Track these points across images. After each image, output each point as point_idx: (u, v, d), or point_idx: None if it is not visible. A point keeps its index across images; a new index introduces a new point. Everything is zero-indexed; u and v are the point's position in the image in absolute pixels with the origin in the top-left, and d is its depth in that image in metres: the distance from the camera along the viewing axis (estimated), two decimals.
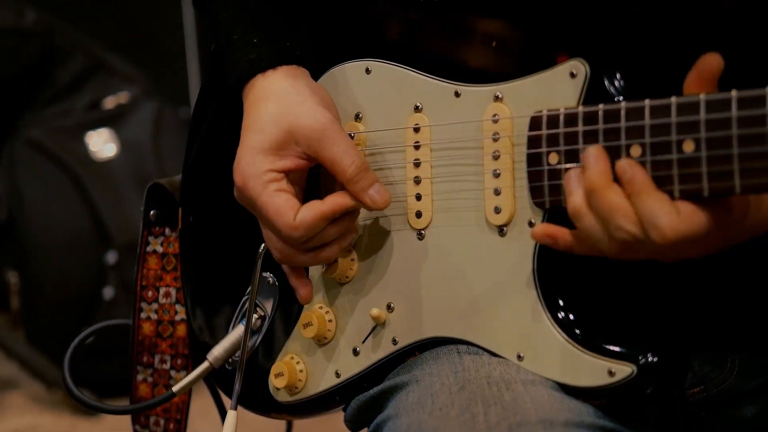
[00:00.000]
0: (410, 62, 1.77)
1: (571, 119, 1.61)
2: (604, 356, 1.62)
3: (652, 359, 1.60)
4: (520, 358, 1.68)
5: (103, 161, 4.37)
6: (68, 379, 1.96)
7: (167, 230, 2.03)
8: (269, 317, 1.89)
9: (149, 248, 2.03)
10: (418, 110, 1.77)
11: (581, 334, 1.64)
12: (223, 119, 1.93)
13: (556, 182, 1.63)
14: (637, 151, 1.55)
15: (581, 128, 1.60)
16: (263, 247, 1.82)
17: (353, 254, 1.81)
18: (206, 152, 1.97)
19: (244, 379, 1.86)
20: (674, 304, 1.72)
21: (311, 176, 1.80)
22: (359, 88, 1.81)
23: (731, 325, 1.72)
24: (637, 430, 1.68)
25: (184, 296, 1.99)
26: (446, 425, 1.57)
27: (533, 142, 1.65)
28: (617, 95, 1.62)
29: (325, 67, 1.84)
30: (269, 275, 1.88)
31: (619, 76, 1.63)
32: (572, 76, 1.64)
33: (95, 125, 4.42)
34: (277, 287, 1.88)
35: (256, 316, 1.88)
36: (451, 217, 1.74)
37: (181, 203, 1.99)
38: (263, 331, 1.89)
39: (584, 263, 1.65)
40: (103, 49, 4.55)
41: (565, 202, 1.60)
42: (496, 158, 1.69)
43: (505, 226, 1.69)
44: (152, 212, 2.02)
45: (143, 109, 4.47)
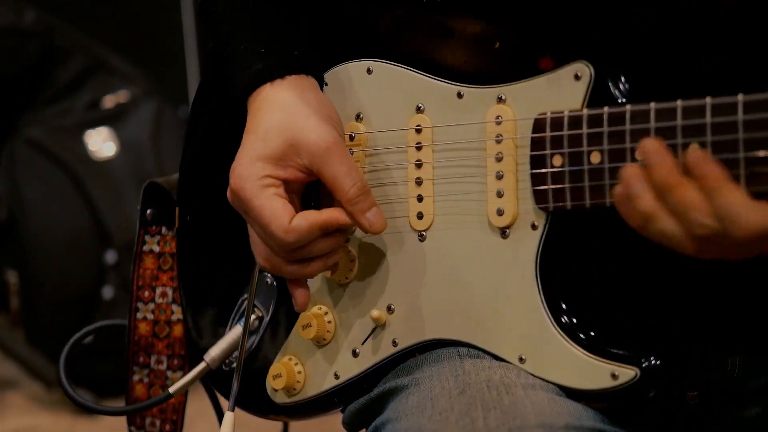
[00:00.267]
0: (412, 62, 1.77)
1: (575, 122, 1.61)
2: (607, 359, 1.61)
3: (654, 362, 1.60)
4: (521, 360, 1.67)
5: (102, 161, 4.38)
6: (64, 379, 1.95)
7: (164, 229, 2.02)
8: (267, 318, 1.88)
9: (146, 248, 2.02)
10: (420, 111, 1.76)
11: (584, 337, 1.64)
12: (220, 119, 1.93)
13: (559, 185, 1.62)
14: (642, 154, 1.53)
15: (585, 131, 1.59)
16: (251, 235, 1.81)
17: (353, 255, 1.80)
18: (203, 151, 1.96)
19: (241, 380, 1.85)
20: (676, 307, 1.72)
21: (310, 190, 1.79)
22: (360, 88, 1.80)
23: (732, 326, 1.72)
24: None
25: (180, 296, 1.98)
26: (446, 429, 1.57)
27: (537, 144, 1.64)
28: (621, 97, 1.61)
29: (326, 67, 1.83)
30: (267, 275, 1.87)
31: (623, 78, 1.62)
32: (576, 78, 1.63)
33: (95, 125, 4.43)
34: (275, 287, 1.88)
35: (253, 316, 1.88)
36: (452, 218, 1.73)
37: (178, 202, 1.99)
38: (261, 331, 1.88)
39: (588, 265, 1.64)
40: (102, 49, 4.55)
41: (569, 205, 1.60)
42: (499, 160, 1.68)
43: (507, 228, 1.68)
44: (149, 211, 2.01)
45: (143, 108, 4.48)
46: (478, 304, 1.70)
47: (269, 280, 1.88)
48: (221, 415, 1.97)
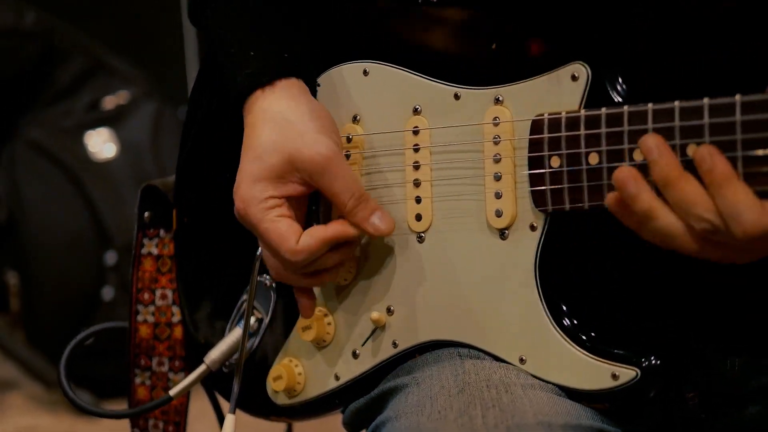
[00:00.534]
0: (409, 64, 1.76)
1: (573, 123, 1.60)
2: (607, 360, 1.62)
3: (655, 362, 1.60)
4: (522, 361, 1.67)
5: (102, 161, 4.38)
6: (65, 383, 1.95)
7: (162, 232, 2.02)
8: (267, 319, 1.88)
9: (144, 250, 2.02)
10: (417, 112, 1.76)
11: (584, 337, 1.64)
12: (216, 120, 1.92)
13: (557, 186, 1.62)
14: (640, 155, 1.53)
15: (583, 132, 1.59)
16: (261, 249, 1.81)
17: (353, 257, 1.80)
18: (199, 152, 1.96)
19: (242, 382, 1.84)
20: (676, 307, 1.71)
21: (311, 196, 1.78)
22: (357, 89, 1.80)
23: (732, 326, 1.71)
24: None
25: (179, 298, 1.98)
26: (444, 428, 1.57)
27: (535, 145, 1.64)
28: (619, 98, 1.61)
29: (323, 68, 1.83)
30: (266, 277, 1.87)
31: (621, 79, 1.62)
32: (574, 79, 1.63)
33: (95, 126, 4.43)
34: (274, 289, 1.87)
35: (253, 318, 1.87)
36: (451, 220, 1.73)
37: (175, 204, 1.98)
38: (261, 333, 1.88)
39: (587, 266, 1.64)
40: (103, 49, 4.55)
41: (568, 207, 1.60)
42: (497, 161, 1.68)
43: (506, 229, 1.68)
44: (146, 214, 2.01)
45: (143, 109, 4.47)
46: (477, 305, 1.70)
47: (268, 281, 1.88)
48: (221, 416, 1.97)
